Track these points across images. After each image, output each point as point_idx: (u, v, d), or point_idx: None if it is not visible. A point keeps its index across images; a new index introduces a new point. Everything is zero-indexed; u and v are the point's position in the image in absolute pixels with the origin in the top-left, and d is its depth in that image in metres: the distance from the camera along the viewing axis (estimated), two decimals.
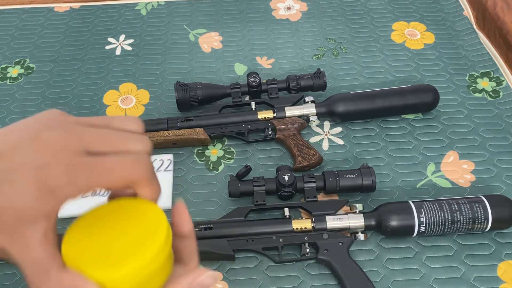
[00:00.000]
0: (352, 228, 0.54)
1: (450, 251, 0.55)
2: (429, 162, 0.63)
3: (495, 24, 0.82)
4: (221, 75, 0.75)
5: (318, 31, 0.81)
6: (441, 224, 0.53)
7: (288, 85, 0.67)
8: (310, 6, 0.85)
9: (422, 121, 0.67)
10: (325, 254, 0.53)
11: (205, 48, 0.79)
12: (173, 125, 0.64)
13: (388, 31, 0.80)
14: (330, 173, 0.57)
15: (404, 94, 0.65)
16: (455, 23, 0.81)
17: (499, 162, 0.62)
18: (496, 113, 0.68)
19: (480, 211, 0.53)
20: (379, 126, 0.67)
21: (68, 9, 0.86)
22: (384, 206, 0.55)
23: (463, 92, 0.70)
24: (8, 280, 0.54)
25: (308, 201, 0.56)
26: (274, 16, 0.84)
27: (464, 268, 0.53)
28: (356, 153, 0.64)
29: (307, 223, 0.54)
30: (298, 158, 0.61)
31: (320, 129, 0.67)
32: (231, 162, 0.64)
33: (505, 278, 0.53)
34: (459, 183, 0.61)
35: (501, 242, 0.55)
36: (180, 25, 0.83)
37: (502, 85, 0.71)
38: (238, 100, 0.67)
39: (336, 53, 0.77)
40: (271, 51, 0.78)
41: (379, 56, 0.76)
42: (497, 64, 0.74)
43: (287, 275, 0.54)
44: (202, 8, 0.86)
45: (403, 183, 0.61)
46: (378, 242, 0.56)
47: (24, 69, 0.76)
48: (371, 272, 0.53)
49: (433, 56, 0.76)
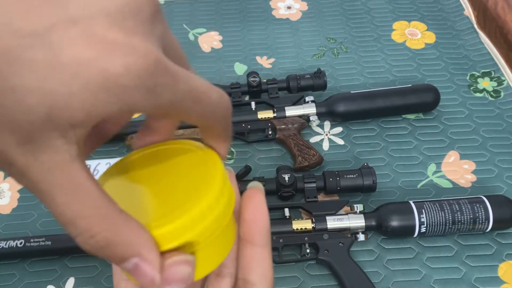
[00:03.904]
0: (353, 229, 0.54)
1: (451, 251, 0.55)
2: (430, 162, 0.63)
3: (496, 23, 0.82)
4: (221, 75, 0.74)
5: (319, 30, 0.81)
6: (442, 224, 0.52)
7: (288, 84, 0.66)
8: (310, 5, 0.85)
9: (422, 121, 0.67)
10: (326, 254, 0.52)
11: (204, 48, 0.79)
12: None
13: (389, 31, 0.80)
14: (331, 173, 0.57)
15: (405, 94, 0.65)
16: (455, 23, 0.81)
17: (500, 162, 0.62)
18: (497, 113, 0.68)
19: (481, 211, 0.52)
20: (379, 126, 0.67)
21: None
22: (385, 207, 0.54)
23: (464, 92, 0.70)
24: (8, 280, 0.54)
25: (308, 201, 0.56)
26: (274, 16, 0.84)
27: (465, 269, 0.53)
28: (357, 153, 0.64)
29: (307, 224, 0.54)
30: (298, 158, 0.61)
31: (320, 129, 0.67)
32: (231, 162, 0.64)
33: (506, 279, 0.52)
34: (460, 183, 0.61)
35: (502, 243, 0.55)
36: (180, 25, 0.83)
37: (503, 85, 0.71)
38: (238, 100, 0.66)
39: (336, 52, 0.77)
40: (271, 51, 0.78)
41: (380, 55, 0.76)
42: (498, 64, 0.74)
43: (287, 276, 0.53)
44: (202, 8, 0.86)
45: (403, 183, 0.61)
46: (378, 243, 0.55)
47: None
48: (372, 273, 0.53)
49: (434, 56, 0.75)
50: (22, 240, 0.54)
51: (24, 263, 0.55)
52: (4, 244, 0.53)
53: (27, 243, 0.53)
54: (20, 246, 0.53)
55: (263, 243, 0.24)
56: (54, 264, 0.55)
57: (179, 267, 0.20)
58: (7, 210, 0.60)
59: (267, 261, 0.24)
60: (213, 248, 0.23)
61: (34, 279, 0.54)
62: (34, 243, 0.53)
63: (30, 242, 0.53)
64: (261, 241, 0.24)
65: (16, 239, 0.54)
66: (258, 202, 0.24)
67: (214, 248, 0.23)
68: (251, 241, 0.24)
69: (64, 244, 0.54)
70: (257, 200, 0.24)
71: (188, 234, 0.21)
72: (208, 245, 0.22)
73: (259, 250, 0.24)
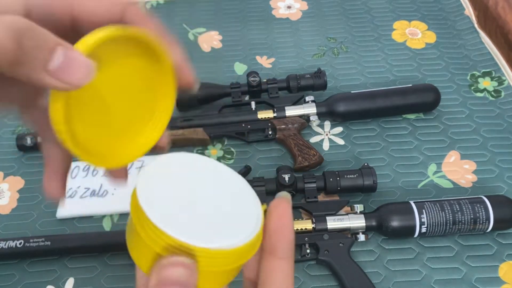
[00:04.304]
0: (353, 229, 0.54)
1: (452, 251, 0.54)
2: (430, 162, 0.62)
3: (496, 23, 0.82)
4: (220, 75, 0.74)
5: (319, 30, 0.80)
6: (443, 224, 0.52)
7: (288, 84, 0.66)
8: (310, 5, 0.85)
9: (423, 121, 0.67)
10: (326, 255, 0.52)
11: (204, 47, 0.79)
12: (172, 125, 0.64)
13: (389, 30, 0.80)
14: (331, 173, 0.57)
15: (405, 93, 0.65)
16: (456, 22, 0.80)
17: (500, 162, 0.62)
18: (498, 113, 0.67)
19: (481, 211, 0.52)
20: (380, 126, 0.66)
21: None
22: (385, 207, 0.54)
23: (464, 92, 0.70)
24: (7, 280, 0.54)
25: (308, 202, 0.56)
26: (274, 15, 0.84)
27: (465, 269, 0.53)
28: (357, 153, 0.64)
29: (307, 224, 0.54)
30: (299, 158, 0.61)
31: (320, 129, 0.67)
32: (231, 162, 0.64)
33: (506, 279, 0.52)
34: (460, 183, 0.60)
35: (503, 243, 0.55)
36: (180, 24, 0.82)
37: (503, 85, 0.71)
38: (238, 100, 0.66)
39: (336, 52, 0.77)
40: (271, 51, 0.78)
41: (380, 55, 0.76)
42: (499, 64, 0.73)
43: None
44: (202, 7, 0.85)
45: (404, 184, 0.61)
46: (379, 243, 0.55)
47: None
48: (372, 273, 0.53)
49: (434, 56, 0.75)
50: (21, 240, 0.54)
51: (23, 264, 0.55)
52: (4, 244, 0.53)
53: (27, 244, 0.53)
54: (20, 246, 0.53)
55: (286, 256, 0.24)
56: (53, 264, 0.55)
57: (175, 268, 0.20)
58: (7, 210, 0.60)
59: (288, 275, 0.24)
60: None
61: (34, 279, 0.54)
62: (34, 243, 0.53)
63: (29, 243, 0.53)
64: (284, 254, 0.24)
65: (16, 239, 0.54)
66: (283, 213, 0.24)
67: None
68: (274, 253, 0.24)
69: (63, 244, 0.54)
70: (283, 211, 0.24)
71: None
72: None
73: (281, 263, 0.24)
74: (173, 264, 0.20)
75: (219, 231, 0.22)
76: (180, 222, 0.22)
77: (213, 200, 0.24)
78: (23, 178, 0.62)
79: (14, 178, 0.62)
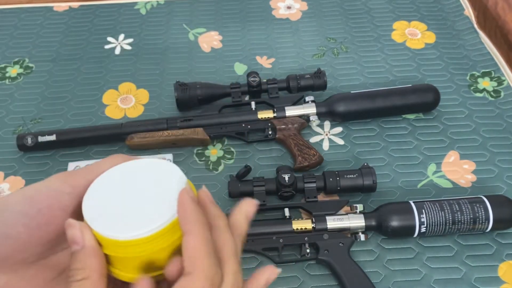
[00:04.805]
0: (353, 229, 0.54)
1: (451, 251, 0.55)
2: (430, 162, 0.63)
3: (496, 23, 0.82)
4: (221, 75, 0.74)
5: (319, 30, 0.81)
6: (442, 224, 0.52)
7: (288, 84, 0.66)
8: (310, 5, 0.85)
9: (422, 121, 0.67)
10: (326, 254, 0.52)
11: (204, 48, 0.79)
12: (172, 125, 0.64)
13: (389, 31, 0.80)
14: (331, 173, 0.57)
15: (405, 94, 0.65)
16: (456, 23, 0.81)
17: (500, 162, 0.62)
18: (497, 113, 0.68)
19: (481, 211, 0.52)
20: (379, 126, 0.67)
21: (67, 9, 0.86)
22: (385, 207, 0.54)
23: (464, 92, 0.70)
24: None
25: (308, 201, 0.56)
26: (274, 16, 0.84)
27: (465, 269, 0.53)
28: (357, 153, 0.64)
29: (307, 224, 0.54)
30: (298, 158, 0.61)
31: (320, 129, 0.67)
32: (231, 162, 0.64)
33: (506, 279, 0.52)
34: (460, 183, 0.61)
35: (502, 243, 0.55)
36: (180, 25, 0.83)
37: (503, 85, 0.71)
38: (238, 100, 0.66)
39: (336, 52, 0.77)
40: (271, 51, 0.78)
41: (380, 55, 0.76)
42: (498, 64, 0.74)
43: (287, 276, 0.53)
44: (202, 7, 0.85)
45: (403, 183, 0.61)
46: (378, 243, 0.55)
47: (23, 68, 0.76)
48: (372, 273, 0.53)
49: (434, 56, 0.75)
50: None
51: None
52: None
53: None
54: None
55: (192, 231, 0.27)
56: None
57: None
58: None
59: (197, 248, 0.26)
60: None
61: None
62: None
63: None
64: (189, 229, 0.27)
65: None
66: (184, 192, 0.28)
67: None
68: (183, 230, 0.27)
69: None
70: (184, 191, 0.28)
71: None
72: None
73: (186, 238, 0.27)
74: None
75: (135, 222, 0.27)
76: (108, 219, 0.28)
77: (141, 197, 0.29)
78: (23, 178, 0.63)
79: (14, 178, 0.63)
